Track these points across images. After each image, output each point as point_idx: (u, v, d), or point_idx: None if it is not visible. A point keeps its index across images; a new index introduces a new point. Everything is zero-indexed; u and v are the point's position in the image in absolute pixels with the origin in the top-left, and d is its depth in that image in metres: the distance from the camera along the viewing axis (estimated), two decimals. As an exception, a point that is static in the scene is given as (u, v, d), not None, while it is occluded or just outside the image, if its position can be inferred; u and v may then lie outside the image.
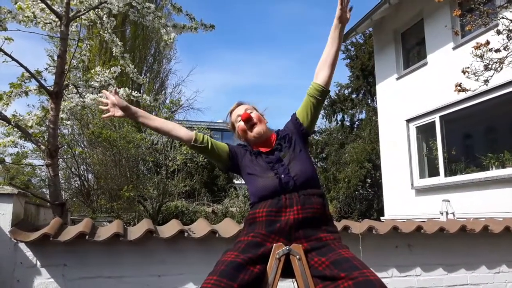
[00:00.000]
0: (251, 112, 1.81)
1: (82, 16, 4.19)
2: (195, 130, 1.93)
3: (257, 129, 1.78)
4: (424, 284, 3.10)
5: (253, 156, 1.78)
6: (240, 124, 1.81)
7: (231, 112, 1.90)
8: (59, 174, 4.16)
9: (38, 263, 2.49)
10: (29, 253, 2.48)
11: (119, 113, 1.78)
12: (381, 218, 8.48)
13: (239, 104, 1.89)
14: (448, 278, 3.15)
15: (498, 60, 3.74)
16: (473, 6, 3.74)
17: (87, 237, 2.49)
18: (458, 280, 3.16)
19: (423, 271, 3.11)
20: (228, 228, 2.84)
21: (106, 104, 1.80)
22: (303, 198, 1.62)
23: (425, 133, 7.85)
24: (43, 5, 3.86)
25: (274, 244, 1.54)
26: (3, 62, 3.78)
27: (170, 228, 2.79)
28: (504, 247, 3.30)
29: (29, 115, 4.23)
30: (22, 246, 2.48)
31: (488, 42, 3.70)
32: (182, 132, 1.81)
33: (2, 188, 2.53)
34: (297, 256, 1.52)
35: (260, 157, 1.75)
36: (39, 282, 2.47)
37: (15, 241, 2.46)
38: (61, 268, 2.51)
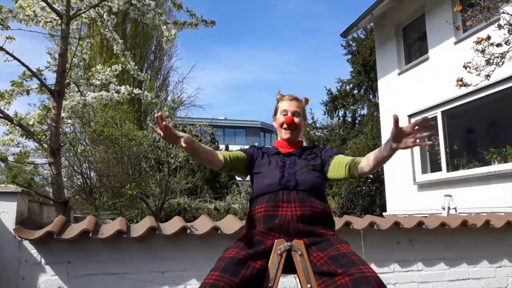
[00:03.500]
0: (297, 117, 1.85)
1: (83, 14, 4.19)
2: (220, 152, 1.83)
3: (290, 136, 1.83)
4: (425, 279, 3.11)
5: (265, 156, 1.83)
6: (281, 120, 1.86)
7: (283, 99, 1.91)
8: (62, 172, 4.17)
9: (43, 261, 2.52)
10: (33, 251, 2.51)
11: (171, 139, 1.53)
12: (384, 213, 8.49)
13: (294, 99, 1.89)
14: (449, 273, 3.16)
15: (500, 54, 3.73)
16: (474, 1, 3.73)
17: (90, 234, 2.52)
18: (459, 275, 3.18)
19: (425, 266, 3.13)
20: (230, 224, 2.86)
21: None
22: (301, 196, 1.64)
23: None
24: (44, 4, 3.86)
25: (276, 240, 1.55)
26: (5, 61, 3.79)
27: (172, 225, 2.80)
28: (505, 242, 3.31)
29: (28, 115, 4.23)
30: (27, 244, 2.50)
31: (489, 37, 3.68)
32: (217, 159, 1.71)
33: (6, 187, 2.55)
34: (299, 252, 1.53)
35: (275, 156, 1.81)
36: (44, 279, 2.49)
37: (20, 239, 2.48)
38: (65, 265, 2.53)
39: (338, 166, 1.72)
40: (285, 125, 1.83)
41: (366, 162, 1.61)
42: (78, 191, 8.82)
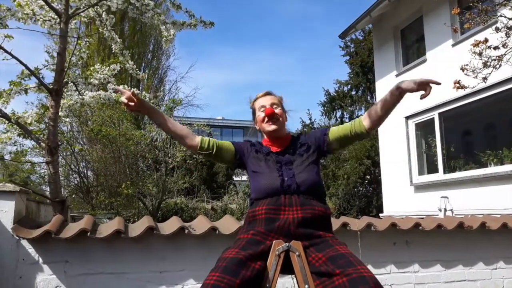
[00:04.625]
0: (276, 108, 1.82)
1: (81, 13, 4.18)
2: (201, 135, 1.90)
3: (275, 126, 1.80)
4: (422, 280, 3.13)
5: (259, 154, 1.80)
6: (261, 115, 1.83)
7: (256, 99, 1.90)
8: (59, 171, 4.16)
9: (40, 260, 2.52)
10: (31, 250, 2.51)
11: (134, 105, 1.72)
12: (380, 214, 8.51)
13: (267, 94, 1.89)
14: (445, 274, 3.18)
15: (497, 57, 3.75)
16: (471, 4, 3.75)
17: (88, 234, 2.52)
18: (455, 276, 3.20)
19: (421, 267, 3.15)
20: (228, 225, 2.87)
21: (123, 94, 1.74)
22: (302, 199, 1.63)
23: (424, 130, 7.88)
24: (42, 2, 3.85)
25: (274, 241, 1.56)
26: (3, 59, 3.78)
27: (170, 225, 2.81)
28: (501, 244, 3.33)
29: (25, 114, 4.22)
30: (24, 243, 2.50)
31: (486, 40, 3.70)
32: (190, 140, 1.82)
33: (4, 186, 2.55)
34: (297, 253, 1.54)
35: (269, 156, 1.77)
36: (41, 279, 2.49)
37: (18, 238, 2.48)
38: (62, 264, 2.53)
39: (339, 133, 1.78)
40: (263, 114, 1.80)
41: (371, 115, 1.72)
42: (75, 190, 8.80)
